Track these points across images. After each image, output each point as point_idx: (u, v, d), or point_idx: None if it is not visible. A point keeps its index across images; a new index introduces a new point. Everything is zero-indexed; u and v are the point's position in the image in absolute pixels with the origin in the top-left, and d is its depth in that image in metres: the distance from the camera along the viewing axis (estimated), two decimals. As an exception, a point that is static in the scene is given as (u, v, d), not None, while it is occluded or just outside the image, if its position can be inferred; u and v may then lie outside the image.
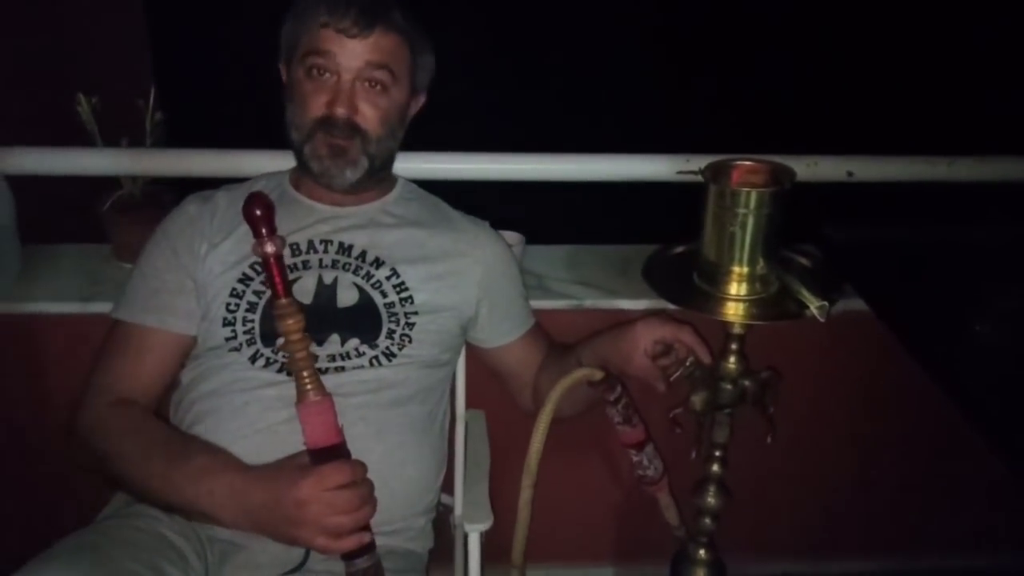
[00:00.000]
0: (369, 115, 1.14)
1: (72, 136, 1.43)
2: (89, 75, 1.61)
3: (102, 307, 1.35)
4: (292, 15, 1.15)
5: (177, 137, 1.51)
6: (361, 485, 0.97)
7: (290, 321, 0.97)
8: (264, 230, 0.98)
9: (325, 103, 1.11)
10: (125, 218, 1.44)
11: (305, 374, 0.97)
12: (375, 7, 1.11)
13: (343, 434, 0.99)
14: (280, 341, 1.01)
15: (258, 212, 0.98)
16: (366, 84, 1.13)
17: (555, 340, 1.35)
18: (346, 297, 1.14)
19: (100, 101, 1.41)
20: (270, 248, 0.98)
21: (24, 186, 1.44)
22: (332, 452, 0.97)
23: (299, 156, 1.16)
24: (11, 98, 1.85)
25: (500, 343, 1.28)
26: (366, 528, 0.98)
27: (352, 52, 1.10)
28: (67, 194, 1.51)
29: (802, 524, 1.70)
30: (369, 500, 0.98)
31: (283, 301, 0.98)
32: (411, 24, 1.16)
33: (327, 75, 1.11)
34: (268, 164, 1.36)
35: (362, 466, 0.99)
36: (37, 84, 1.94)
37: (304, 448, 0.98)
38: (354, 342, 1.11)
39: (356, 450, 1.03)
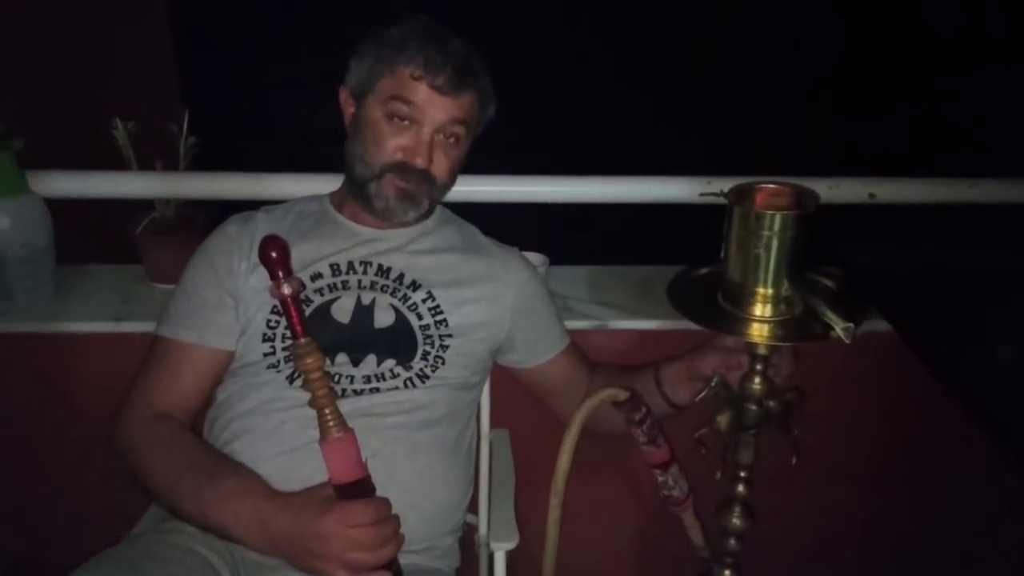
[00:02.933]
0: (441, 165, 1.17)
1: (108, 160, 1.46)
2: (125, 101, 1.65)
3: (134, 327, 1.38)
4: (375, 50, 1.15)
5: (209, 160, 1.54)
6: (384, 523, 0.97)
7: (309, 360, 0.98)
8: (280, 272, 0.99)
9: (401, 148, 1.14)
10: (158, 240, 1.47)
11: (327, 411, 0.98)
12: (468, 68, 1.14)
13: (367, 468, 1.00)
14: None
15: (274, 254, 0.99)
16: (443, 136, 1.16)
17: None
18: (383, 318, 1.16)
19: (135, 126, 1.44)
20: (287, 290, 0.99)
21: (61, 208, 1.47)
22: (356, 487, 0.98)
23: (361, 190, 1.18)
24: (51, 124, 1.89)
25: (537, 363, 1.30)
26: (389, 565, 0.98)
27: (439, 107, 1.13)
28: (101, 216, 1.54)
29: (828, 545, 1.69)
30: (392, 538, 0.98)
31: (302, 341, 0.99)
32: (488, 81, 1.19)
33: (408, 122, 1.14)
34: (298, 187, 1.39)
35: (386, 504, 0.99)
36: (76, 111, 1.99)
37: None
38: (390, 363, 1.13)
39: (389, 470, 1.05)
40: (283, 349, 1.12)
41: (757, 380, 1.23)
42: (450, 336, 1.17)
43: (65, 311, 1.44)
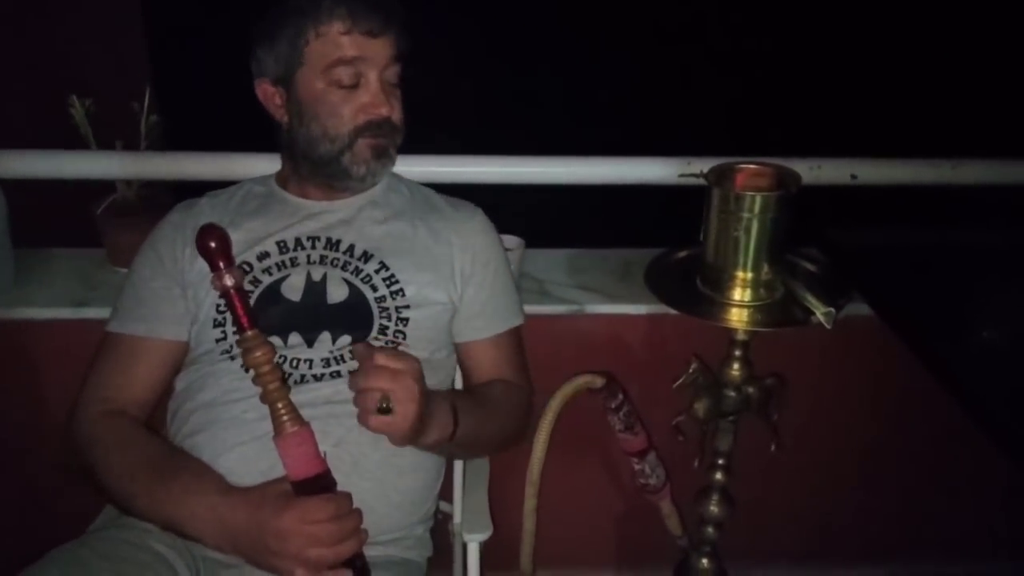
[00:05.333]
0: (397, 110, 1.14)
1: (66, 139, 1.41)
2: (83, 77, 1.60)
3: (96, 312, 1.34)
4: (286, 26, 1.10)
5: (172, 140, 1.49)
6: (344, 519, 0.94)
7: (258, 354, 0.94)
8: (221, 263, 0.94)
9: (362, 108, 1.11)
10: (120, 222, 1.42)
11: (279, 405, 0.94)
12: (387, 3, 1.10)
13: (326, 461, 0.96)
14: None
15: (212, 244, 0.94)
16: (388, 82, 1.13)
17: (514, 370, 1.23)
18: (336, 293, 1.12)
19: (94, 103, 1.39)
20: (229, 281, 0.95)
21: (17, 190, 1.42)
22: (314, 482, 0.94)
23: (332, 166, 1.14)
24: (4, 100, 1.83)
25: (466, 339, 1.20)
26: (354, 560, 0.95)
27: (378, 52, 1.10)
28: (61, 198, 1.50)
29: (807, 532, 1.68)
30: (353, 534, 0.95)
31: (249, 334, 0.94)
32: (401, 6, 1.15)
33: (356, 80, 1.10)
34: (263, 166, 1.34)
35: (347, 498, 0.96)
36: (30, 86, 1.93)
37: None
38: (345, 339, 1.09)
39: (353, 459, 1.02)
40: (234, 334, 1.08)
41: (736, 366, 1.21)
42: (407, 307, 1.13)
43: (24, 296, 1.40)
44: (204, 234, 0.95)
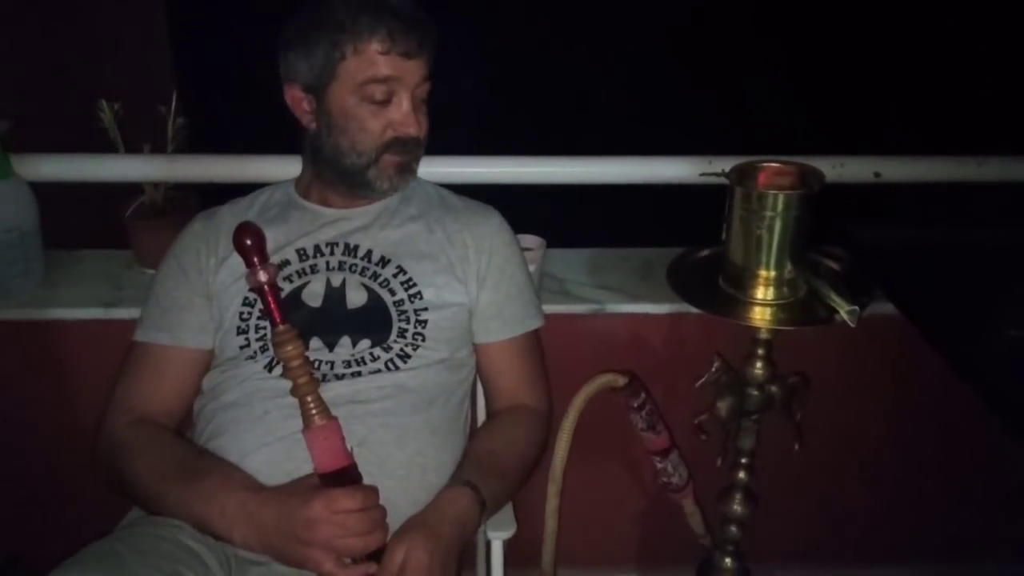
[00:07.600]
0: (425, 127, 1.15)
1: (94, 142, 1.44)
2: (111, 82, 1.62)
3: (124, 313, 1.36)
4: (322, 36, 1.09)
5: (198, 143, 1.51)
6: (372, 511, 0.96)
7: (289, 348, 0.97)
8: (256, 259, 0.98)
9: (391, 125, 1.12)
10: (147, 224, 1.44)
11: (309, 399, 0.97)
12: (423, 22, 1.11)
13: (352, 455, 0.98)
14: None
15: (248, 241, 0.98)
16: (417, 98, 1.14)
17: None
18: (355, 298, 1.13)
19: (122, 107, 1.41)
20: (263, 277, 0.98)
21: (48, 192, 1.45)
22: (342, 475, 0.96)
23: (357, 177, 1.15)
24: (34, 104, 1.86)
25: (483, 340, 1.21)
26: (379, 554, 0.96)
27: (411, 72, 1.10)
28: (90, 200, 1.52)
29: (830, 531, 1.67)
30: (380, 526, 0.96)
31: (280, 328, 0.98)
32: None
33: (388, 97, 1.10)
34: (287, 169, 1.36)
35: (374, 492, 0.98)
36: (60, 91, 1.96)
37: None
38: (365, 343, 1.11)
39: (377, 458, 1.03)
40: (257, 340, 1.11)
41: (758, 365, 1.21)
42: (426, 310, 1.14)
43: (54, 297, 1.42)
44: (240, 231, 0.98)
